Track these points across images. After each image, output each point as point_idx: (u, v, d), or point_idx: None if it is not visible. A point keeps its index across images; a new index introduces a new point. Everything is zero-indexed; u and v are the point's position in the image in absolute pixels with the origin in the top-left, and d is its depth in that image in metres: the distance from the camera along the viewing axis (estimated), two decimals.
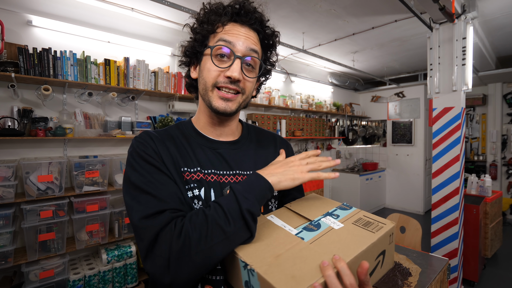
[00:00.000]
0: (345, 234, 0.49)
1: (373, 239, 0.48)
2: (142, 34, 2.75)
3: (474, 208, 2.67)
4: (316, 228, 0.52)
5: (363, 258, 0.46)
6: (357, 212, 0.57)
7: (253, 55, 0.63)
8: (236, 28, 0.63)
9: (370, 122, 5.77)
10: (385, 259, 0.52)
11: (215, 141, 0.70)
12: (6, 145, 2.05)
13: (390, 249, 0.53)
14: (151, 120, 2.76)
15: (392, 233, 0.52)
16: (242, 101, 0.66)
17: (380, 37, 3.41)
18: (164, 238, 0.49)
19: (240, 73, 0.61)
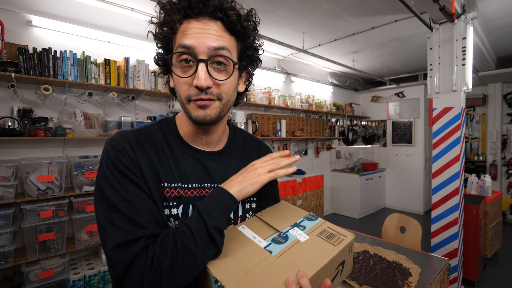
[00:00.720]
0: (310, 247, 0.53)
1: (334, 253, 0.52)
2: (142, 34, 2.75)
3: (474, 208, 2.67)
4: (284, 241, 0.55)
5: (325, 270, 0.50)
6: (322, 224, 0.60)
7: (219, 53, 0.54)
8: (193, 25, 0.53)
9: (370, 122, 5.77)
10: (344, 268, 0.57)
11: (199, 151, 0.65)
12: (6, 145, 2.05)
13: (349, 259, 0.58)
14: (151, 120, 2.76)
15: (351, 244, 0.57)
16: (222, 106, 0.58)
17: (380, 37, 3.41)
18: (136, 269, 0.48)
19: (207, 79, 0.53)
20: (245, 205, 0.70)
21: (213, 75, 0.55)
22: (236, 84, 0.62)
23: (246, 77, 0.68)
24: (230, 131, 0.73)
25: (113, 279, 0.50)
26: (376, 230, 4.06)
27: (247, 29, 0.58)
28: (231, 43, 0.57)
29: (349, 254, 0.56)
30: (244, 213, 0.69)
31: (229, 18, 0.55)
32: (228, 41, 0.56)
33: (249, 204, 0.71)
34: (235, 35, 0.58)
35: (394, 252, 1.56)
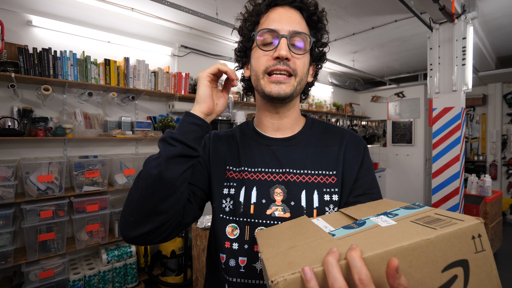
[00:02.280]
0: (391, 230, 0.37)
1: (429, 235, 0.33)
2: (142, 34, 2.75)
3: (474, 208, 2.67)
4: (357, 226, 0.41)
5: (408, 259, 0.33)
6: (427, 211, 0.42)
7: (299, 31, 0.60)
8: (277, 11, 0.61)
9: (370, 122, 5.76)
10: (471, 276, 0.35)
11: (270, 138, 0.67)
12: (6, 145, 2.05)
13: (479, 262, 0.35)
14: (151, 120, 2.76)
15: (478, 234, 0.35)
16: (296, 84, 0.60)
17: (380, 37, 3.41)
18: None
19: (287, 50, 0.57)
20: (323, 196, 0.61)
21: (292, 49, 0.59)
22: (308, 68, 0.65)
23: (314, 70, 0.71)
24: (306, 121, 0.72)
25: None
26: None
27: (321, 22, 0.65)
28: (307, 30, 0.63)
29: (477, 253, 0.35)
30: (322, 205, 0.60)
31: (308, 8, 0.62)
32: (305, 28, 0.62)
33: (328, 196, 0.61)
34: (309, 26, 0.64)
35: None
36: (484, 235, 0.34)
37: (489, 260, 0.35)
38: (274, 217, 0.59)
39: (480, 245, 0.35)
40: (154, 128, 2.75)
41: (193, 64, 3.12)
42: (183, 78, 2.79)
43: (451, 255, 0.34)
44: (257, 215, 0.60)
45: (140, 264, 2.45)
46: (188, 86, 2.85)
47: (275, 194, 0.61)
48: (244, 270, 0.59)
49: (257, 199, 0.61)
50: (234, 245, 0.61)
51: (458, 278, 0.34)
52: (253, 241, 0.59)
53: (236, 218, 0.61)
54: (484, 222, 0.35)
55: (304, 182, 0.61)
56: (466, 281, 0.34)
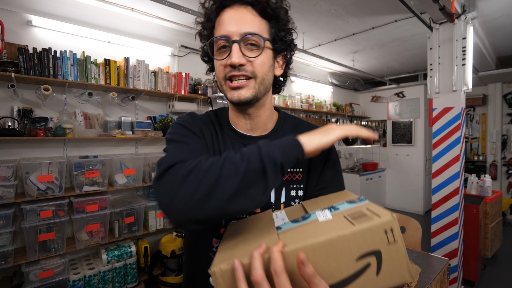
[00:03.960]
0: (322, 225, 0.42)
1: (344, 231, 0.39)
2: (142, 34, 2.75)
3: (474, 208, 2.67)
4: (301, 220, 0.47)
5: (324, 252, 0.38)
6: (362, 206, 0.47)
7: (250, 32, 0.57)
8: (227, 13, 0.59)
9: (370, 122, 5.77)
10: (384, 264, 0.39)
11: (245, 136, 0.67)
12: (6, 145, 2.05)
13: (391, 252, 0.40)
14: (151, 120, 2.76)
15: (390, 228, 0.39)
16: (258, 85, 0.60)
17: (380, 37, 3.41)
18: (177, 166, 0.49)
19: (239, 57, 0.57)
20: (290, 192, 0.66)
21: (246, 53, 0.58)
22: (271, 64, 0.63)
23: (283, 61, 0.69)
24: (279, 117, 0.71)
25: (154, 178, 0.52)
26: None
27: (277, 10, 0.61)
28: (262, 26, 0.60)
29: (389, 244, 0.39)
30: (289, 200, 0.65)
31: (258, 1, 0.59)
32: (259, 24, 0.60)
33: (294, 191, 0.66)
34: (266, 18, 0.61)
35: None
36: (396, 229, 0.39)
37: (400, 250, 0.40)
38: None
39: (393, 238, 0.40)
40: (154, 128, 2.75)
41: (193, 64, 3.12)
42: (183, 78, 2.79)
43: (365, 246, 0.39)
44: None
45: (140, 264, 2.45)
46: (188, 86, 2.85)
47: None
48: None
49: None
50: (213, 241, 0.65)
51: (371, 266, 0.39)
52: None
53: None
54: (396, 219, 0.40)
55: None
56: (379, 268, 0.39)
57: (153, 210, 2.52)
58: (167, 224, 2.60)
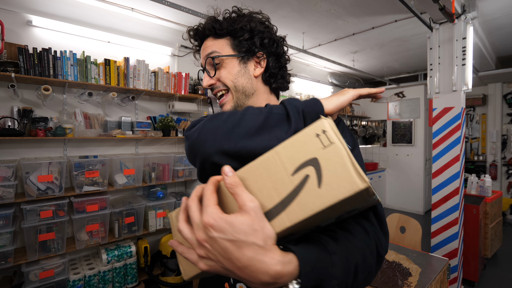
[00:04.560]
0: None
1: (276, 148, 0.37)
2: (142, 34, 2.75)
3: (474, 208, 2.67)
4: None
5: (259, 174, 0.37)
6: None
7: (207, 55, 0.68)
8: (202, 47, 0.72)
9: (370, 122, 5.77)
10: (324, 173, 0.33)
11: None
12: (6, 145, 2.05)
13: (329, 156, 0.33)
14: (151, 120, 2.76)
15: (322, 130, 0.34)
16: (234, 94, 0.67)
17: (380, 37, 3.41)
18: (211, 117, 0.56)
19: (207, 80, 0.68)
20: None
21: (211, 73, 0.68)
22: (238, 71, 0.68)
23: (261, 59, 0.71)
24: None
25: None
26: None
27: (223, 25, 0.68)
28: (220, 43, 0.68)
29: (325, 148, 0.33)
30: None
31: (210, 31, 0.69)
32: (216, 44, 0.68)
33: None
34: (222, 37, 0.69)
35: (394, 252, 1.56)
36: (330, 129, 0.34)
37: (340, 151, 0.33)
38: None
39: (327, 140, 0.34)
40: (154, 128, 2.75)
41: (193, 64, 3.12)
42: (183, 78, 2.79)
43: (298, 157, 0.35)
44: None
45: (140, 264, 2.45)
46: (188, 86, 2.85)
47: None
48: None
49: None
50: None
51: (310, 177, 0.34)
52: None
53: None
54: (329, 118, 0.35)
55: None
56: (319, 178, 0.33)
57: (153, 210, 2.52)
58: (167, 224, 2.60)
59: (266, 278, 0.32)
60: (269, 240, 0.34)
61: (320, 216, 0.34)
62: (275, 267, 0.32)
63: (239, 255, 0.33)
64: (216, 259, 0.35)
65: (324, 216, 0.35)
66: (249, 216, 0.34)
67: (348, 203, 0.33)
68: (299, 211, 0.34)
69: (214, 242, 0.35)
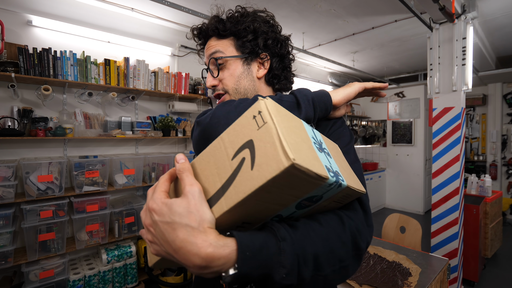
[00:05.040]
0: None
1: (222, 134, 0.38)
2: (142, 34, 2.75)
3: (474, 208, 2.67)
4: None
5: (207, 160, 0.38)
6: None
7: (212, 56, 0.68)
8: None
9: (370, 122, 5.77)
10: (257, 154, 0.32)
11: None
12: (6, 145, 2.05)
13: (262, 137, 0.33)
14: (151, 120, 2.76)
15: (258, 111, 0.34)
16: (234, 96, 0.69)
17: (380, 37, 3.41)
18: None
19: (210, 80, 0.69)
20: None
21: (214, 74, 0.69)
22: (241, 72, 0.69)
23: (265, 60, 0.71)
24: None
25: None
26: (376, 230, 4.06)
27: (226, 26, 0.68)
28: (224, 44, 0.69)
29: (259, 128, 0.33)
30: None
31: (214, 30, 0.69)
32: (220, 44, 0.68)
33: None
34: (226, 37, 0.69)
35: (394, 252, 1.56)
36: (265, 110, 0.34)
37: (271, 130, 0.32)
38: None
39: (262, 120, 0.33)
40: (154, 128, 2.75)
41: (193, 64, 3.12)
42: (183, 78, 2.79)
43: (238, 141, 0.35)
44: None
45: (140, 264, 2.45)
46: (188, 86, 2.85)
47: None
48: None
49: None
50: None
51: (245, 160, 0.33)
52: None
53: None
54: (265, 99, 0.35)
55: None
56: (253, 159, 0.33)
57: None
58: None
59: (198, 261, 0.31)
60: (205, 223, 0.33)
61: (256, 199, 0.33)
62: (206, 249, 0.31)
63: (173, 236, 0.33)
64: (159, 242, 0.36)
65: (263, 200, 0.33)
66: (187, 199, 0.34)
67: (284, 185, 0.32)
68: (234, 195, 0.33)
69: (156, 226, 0.36)
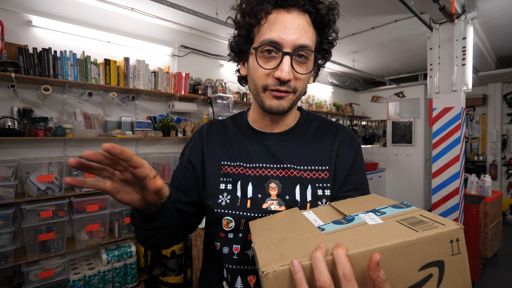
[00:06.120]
0: (377, 229, 0.40)
1: (410, 238, 0.36)
2: (142, 34, 2.75)
3: (474, 208, 2.67)
4: (346, 222, 0.44)
5: (388, 258, 0.35)
6: (413, 211, 0.43)
7: (304, 47, 0.55)
8: (282, 16, 0.54)
9: (370, 122, 5.76)
10: (445, 276, 0.37)
11: (263, 133, 0.67)
12: (6, 145, 2.05)
13: (454, 264, 0.37)
14: (151, 120, 2.76)
15: (456, 238, 0.37)
16: (295, 98, 0.60)
17: (380, 37, 3.41)
18: None
19: (289, 72, 0.54)
20: (317, 191, 0.62)
21: (295, 68, 0.56)
22: (310, 76, 0.63)
23: (315, 70, 0.67)
24: (300, 116, 0.71)
25: None
26: None
27: (331, 23, 0.59)
28: (313, 37, 0.58)
29: (453, 255, 0.37)
30: (315, 200, 0.62)
31: (318, 12, 0.56)
32: (311, 36, 0.57)
33: (321, 190, 0.62)
34: (316, 28, 0.58)
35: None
36: (462, 239, 0.37)
37: (463, 262, 0.37)
38: (270, 210, 0.60)
39: (457, 249, 0.37)
40: (154, 128, 2.75)
41: (193, 64, 3.12)
42: (183, 78, 2.79)
43: (429, 256, 0.36)
44: (253, 209, 0.61)
45: (140, 264, 2.45)
46: (188, 86, 2.85)
47: (270, 188, 0.62)
48: (237, 257, 0.61)
49: (253, 193, 0.62)
50: (229, 235, 0.62)
51: (433, 277, 0.37)
52: (247, 231, 0.61)
53: (232, 212, 0.62)
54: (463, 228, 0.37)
55: (298, 177, 0.62)
56: (440, 280, 0.37)
57: None
58: None
59: None
60: None
61: None
62: None
63: None
64: None
65: None
66: None
67: None
68: None
69: None
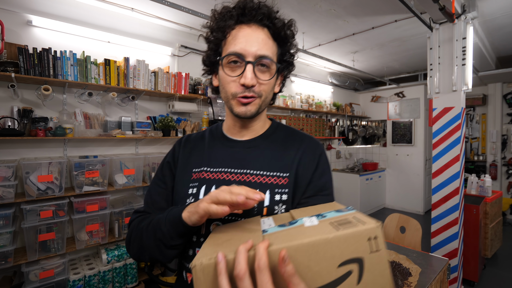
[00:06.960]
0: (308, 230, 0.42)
1: (328, 235, 0.38)
2: (142, 34, 2.75)
3: (474, 208, 2.67)
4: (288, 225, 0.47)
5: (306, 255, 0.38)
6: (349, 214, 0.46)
7: (264, 57, 0.62)
8: (244, 30, 0.62)
9: (370, 122, 5.77)
10: (365, 273, 0.39)
11: (233, 140, 0.73)
12: (6, 145, 2.05)
13: (373, 261, 0.39)
14: (151, 120, 2.76)
15: (374, 236, 0.38)
16: (261, 102, 0.66)
17: (380, 37, 3.41)
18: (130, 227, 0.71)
19: (252, 78, 0.61)
20: (274, 196, 0.66)
21: (258, 75, 0.62)
22: (274, 85, 0.69)
23: (281, 80, 0.74)
24: (270, 125, 0.78)
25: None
26: None
27: (288, 36, 0.67)
28: (273, 49, 0.65)
29: (372, 253, 0.39)
30: (272, 204, 0.65)
31: (275, 26, 0.64)
32: (271, 48, 0.64)
33: (279, 196, 0.66)
34: (276, 41, 0.66)
35: (394, 252, 1.56)
36: (381, 237, 0.39)
37: (383, 260, 0.39)
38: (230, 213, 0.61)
39: (376, 246, 0.38)
40: (154, 128, 2.75)
41: (193, 64, 3.12)
42: (183, 78, 2.79)
43: (347, 253, 0.38)
44: None
45: (140, 264, 2.45)
46: (188, 86, 2.85)
47: None
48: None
49: None
50: (193, 238, 0.66)
51: (353, 273, 0.38)
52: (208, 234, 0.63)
53: None
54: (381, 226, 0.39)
55: (259, 183, 0.66)
56: (360, 276, 0.38)
57: None
58: None
59: None
60: None
61: None
62: None
63: None
64: None
65: None
66: None
67: None
68: None
69: None
